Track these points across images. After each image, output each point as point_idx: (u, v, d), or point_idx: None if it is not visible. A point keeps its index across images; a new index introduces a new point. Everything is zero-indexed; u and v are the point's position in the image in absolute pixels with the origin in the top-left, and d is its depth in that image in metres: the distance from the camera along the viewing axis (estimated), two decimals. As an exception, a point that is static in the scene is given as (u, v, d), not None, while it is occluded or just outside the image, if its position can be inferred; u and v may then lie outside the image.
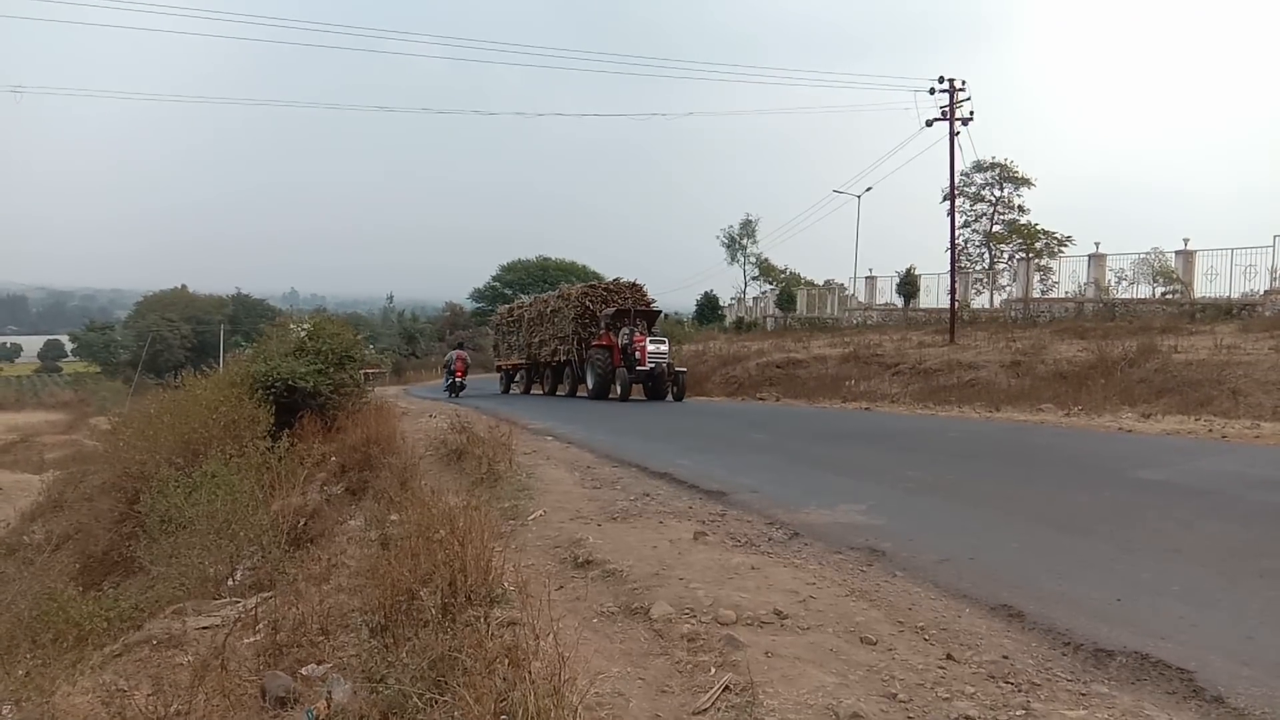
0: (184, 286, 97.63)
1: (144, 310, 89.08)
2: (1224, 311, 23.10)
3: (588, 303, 25.39)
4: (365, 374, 19.78)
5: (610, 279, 27.05)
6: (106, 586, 9.70)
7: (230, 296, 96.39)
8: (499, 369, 33.72)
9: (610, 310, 24.02)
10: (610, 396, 22.50)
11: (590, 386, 23.63)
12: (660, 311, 27.46)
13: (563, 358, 26.39)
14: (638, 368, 21.77)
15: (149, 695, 4.67)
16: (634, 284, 26.08)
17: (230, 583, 7.92)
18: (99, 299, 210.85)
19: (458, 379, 26.65)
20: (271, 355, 15.90)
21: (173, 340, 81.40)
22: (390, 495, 7.72)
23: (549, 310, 27.53)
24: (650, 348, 21.93)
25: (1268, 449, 9.67)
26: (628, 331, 23.02)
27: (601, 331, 24.06)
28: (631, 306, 24.33)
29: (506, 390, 31.81)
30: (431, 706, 3.22)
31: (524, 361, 29.83)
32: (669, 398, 22.08)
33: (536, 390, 29.54)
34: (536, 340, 28.46)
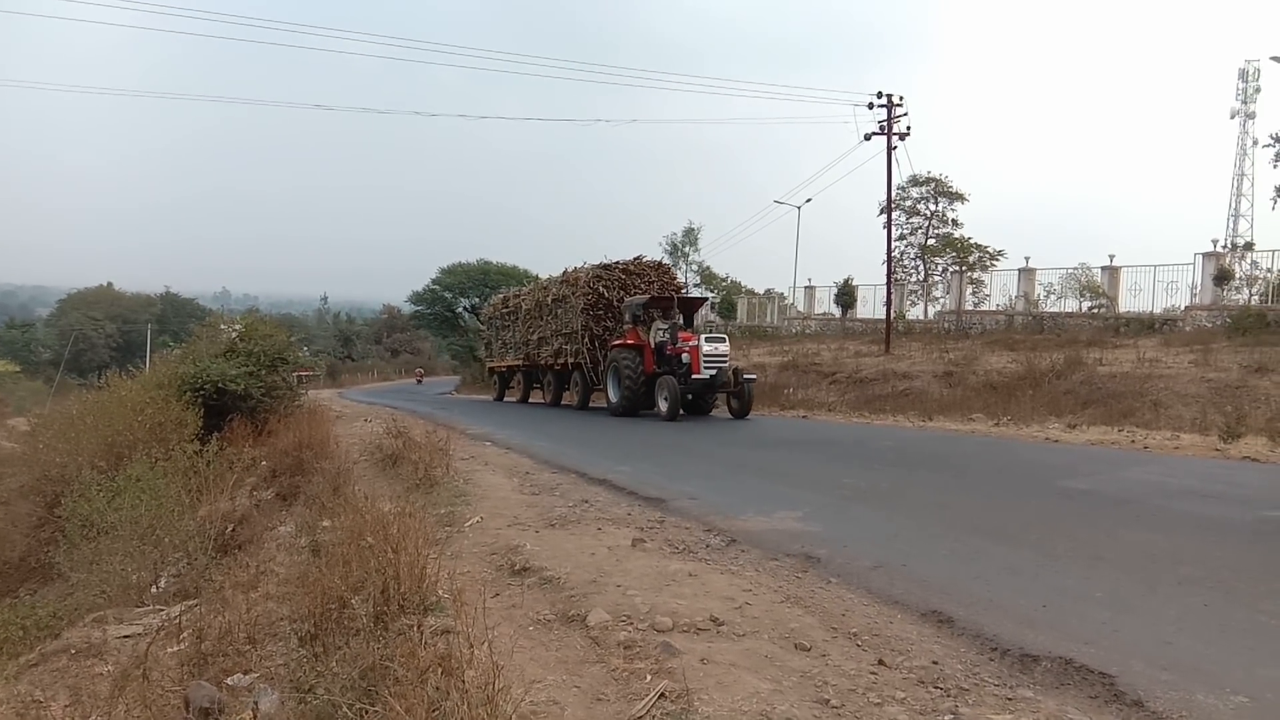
0: (110, 284, 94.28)
1: (67, 308, 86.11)
2: (1147, 326, 23.94)
3: (601, 289, 20.38)
4: (298, 376, 19.45)
5: (630, 258, 21.26)
6: (23, 593, 9.36)
7: (159, 295, 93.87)
8: (491, 371, 28.64)
9: (640, 299, 18.84)
10: (641, 412, 17.74)
11: (613, 398, 18.25)
12: (705, 299, 22.91)
13: (569, 359, 21.26)
14: (692, 376, 16.61)
15: (66, 706, 4.52)
16: (659, 264, 21.46)
17: (154, 590, 7.68)
18: (19, 295, 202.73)
19: (419, 381, 54.82)
20: (201, 356, 15.62)
21: (97, 340, 78.98)
22: (322, 501, 7.58)
23: (550, 299, 22.39)
24: (707, 348, 16.68)
25: (1187, 459, 10.01)
26: (665, 327, 17.98)
27: (626, 327, 18.86)
28: (671, 294, 19.51)
29: (500, 397, 27.55)
30: (362, 716, 3.15)
31: (520, 362, 24.89)
32: (715, 413, 17.69)
33: (536, 398, 24.98)
34: (535, 337, 23.42)
